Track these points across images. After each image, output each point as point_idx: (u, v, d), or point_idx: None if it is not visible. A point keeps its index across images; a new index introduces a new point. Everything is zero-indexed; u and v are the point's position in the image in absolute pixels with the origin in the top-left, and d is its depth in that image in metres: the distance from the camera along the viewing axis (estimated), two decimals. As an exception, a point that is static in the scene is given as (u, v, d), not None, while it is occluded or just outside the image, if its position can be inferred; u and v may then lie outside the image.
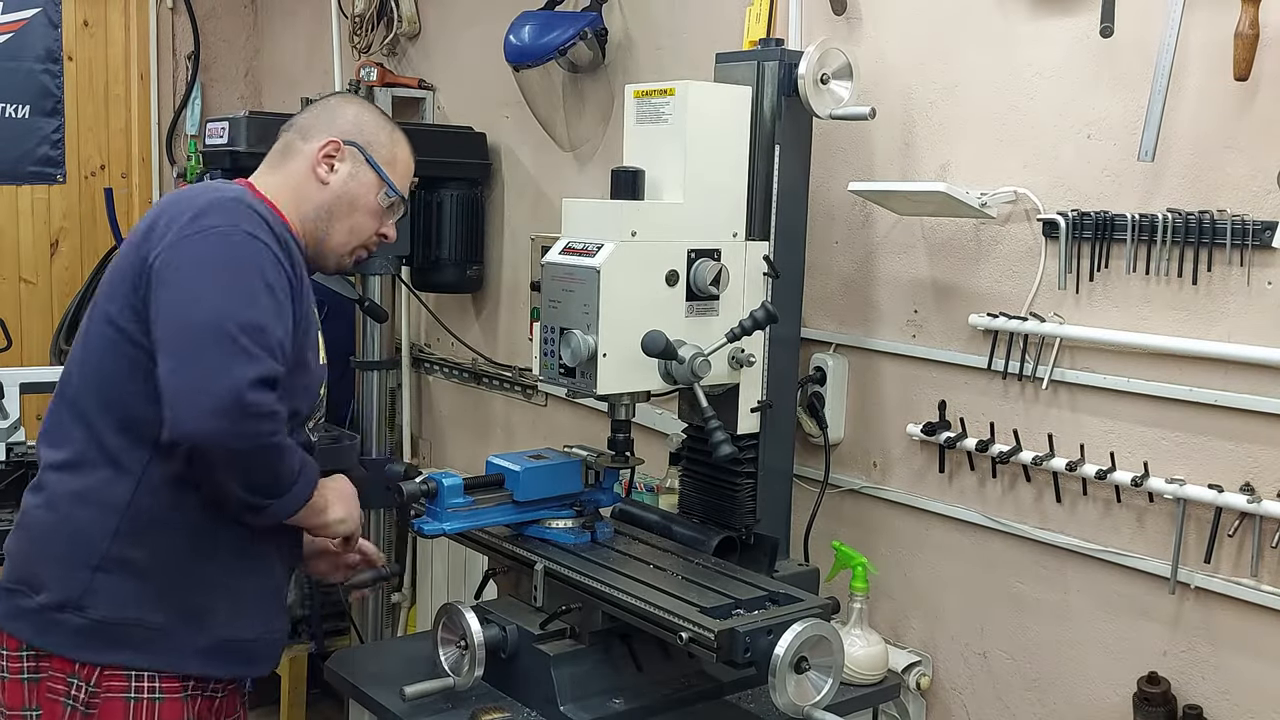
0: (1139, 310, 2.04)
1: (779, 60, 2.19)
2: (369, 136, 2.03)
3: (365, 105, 2.12)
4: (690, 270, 2.05)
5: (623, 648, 2.01)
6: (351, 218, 2.00)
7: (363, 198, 2.00)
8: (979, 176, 2.24)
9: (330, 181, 1.98)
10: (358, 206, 2.00)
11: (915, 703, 2.39)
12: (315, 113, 2.06)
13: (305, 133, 2.01)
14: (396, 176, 2.04)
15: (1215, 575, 1.97)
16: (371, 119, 2.07)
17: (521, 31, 3.02)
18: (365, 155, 2.00)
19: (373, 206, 2.01)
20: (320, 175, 1.98)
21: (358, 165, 2.00)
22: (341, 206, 1.99)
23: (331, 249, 2.01)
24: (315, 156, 1.98)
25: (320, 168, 1.98)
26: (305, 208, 1.97)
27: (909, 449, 2.43)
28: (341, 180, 1.99)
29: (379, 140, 2.04)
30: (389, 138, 2.06)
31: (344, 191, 1.99)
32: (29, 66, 4.36)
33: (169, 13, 4.64)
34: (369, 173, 2.01)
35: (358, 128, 2.03)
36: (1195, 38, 1.93)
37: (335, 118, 2.03)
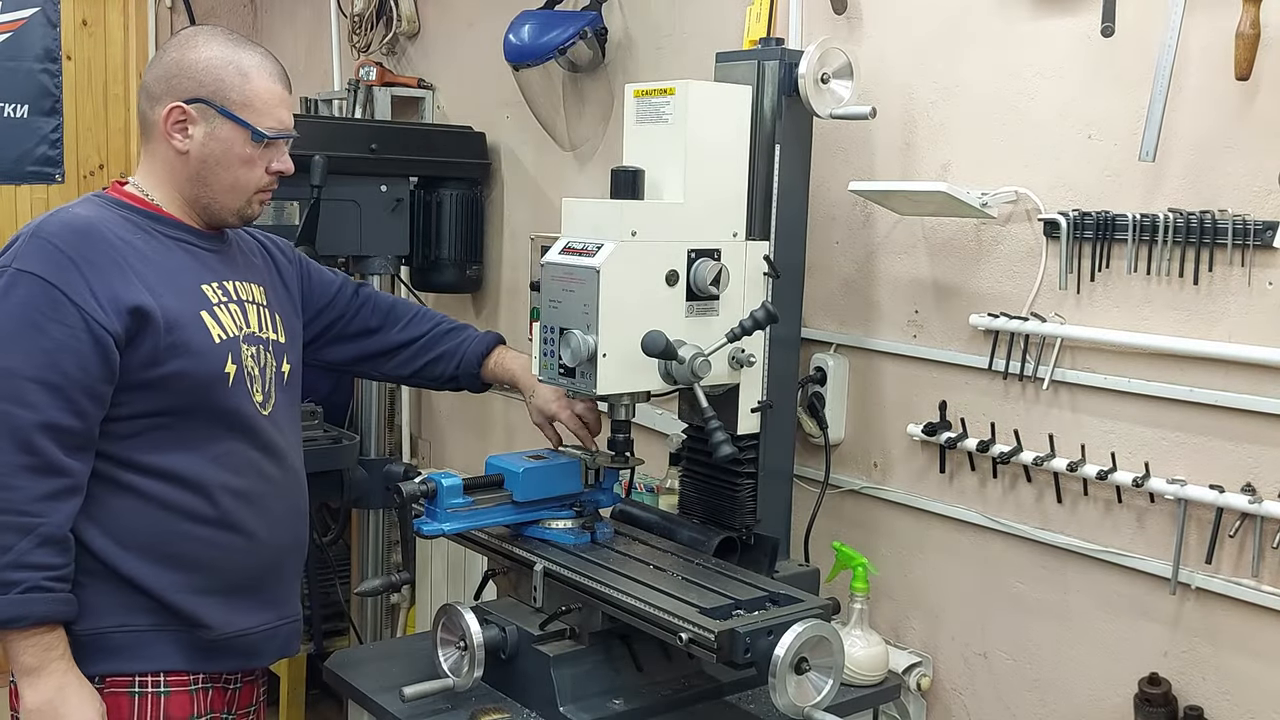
0: (1140, 310, 2.04)
1: (779, 60, 2.19)
2: (214, 84, 1.86)
3: (206, 41, 1.90)
4: (690, 270, 2.04)
5: (623, 648, 2.01)
6: (225, 174, 1.89)
7: (228, 153, 1.88)
8: (980, 176, 2.24)
9: (188, 149, 1.87)
10: (226, 162, 1.88)
11: (916, 703, 2.38)
12: (157, 68, 1.90)
13: (151, 97, 1.88)
14: (259, 115, 1.88)
15: (1216, 576, 1.97)
16: (214, 58, 1.87)
17: (521, 31, 3.02)
18: (215, 107, 1.86)
19: (244, 155, 1.89)
20: (176, 146, 1.87)
21: (211, 121, 1.87)
22: (208, 169, 1.88)
23: (222, 208, 1.92)
24: (164, 128, 1.87)
25: (173, 139, 1.87)
26: (179, 179, 1.89)
27: (909, 449, 2.42)
28: (199, 144, 1.87)
29: (227, 83, 1.87)
30: (238, 75, 1.88)
31: (205, 154, 1.87)
32: (28, 66, 4.36)
33: (168, 12, 4.64)
34: (226, 125, 1.87)
35: (199, 78, 1.86)
36: (1196, 38, 1.92)
37: (174, 72, 1.87)
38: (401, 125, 3.67)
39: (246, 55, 1.90)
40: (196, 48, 1.89)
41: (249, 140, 1.88)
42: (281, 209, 3.13)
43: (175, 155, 1.88)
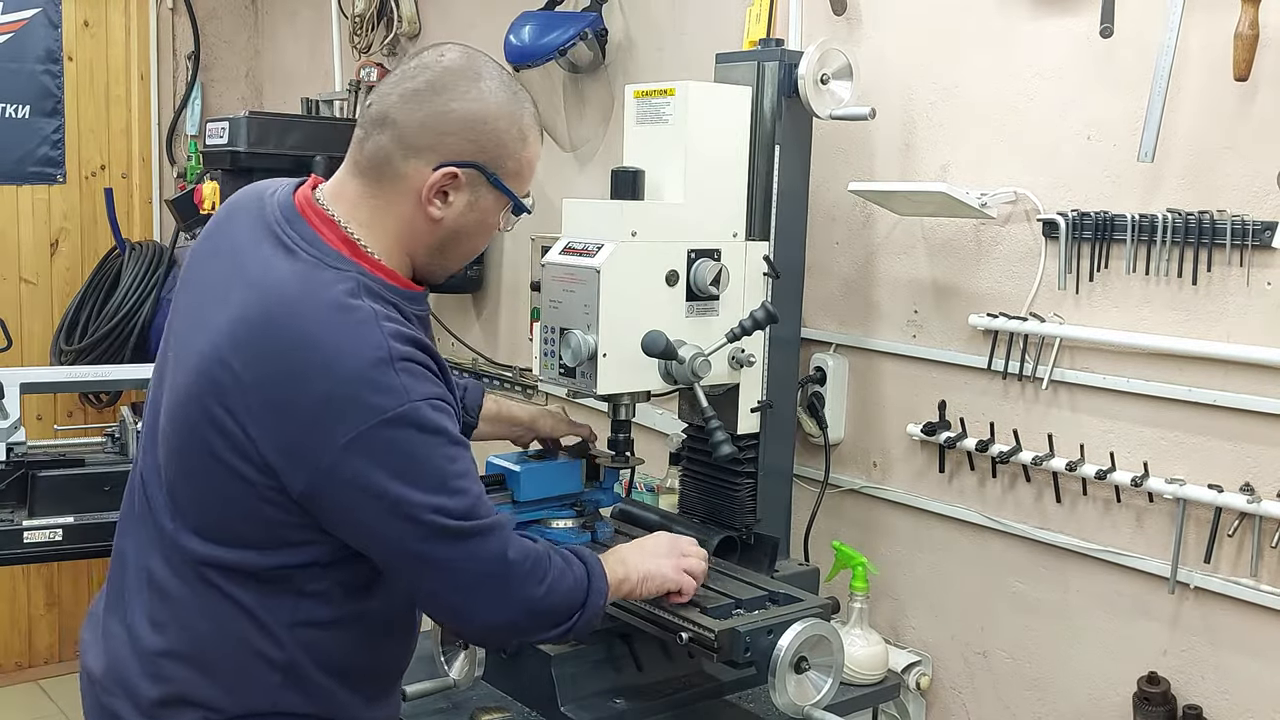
0: (1139, 310, 2.04)
1: (779, 60, 2.19)
2: (495, 149, 1.56)
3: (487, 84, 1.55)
4: (690, 270, 2.05)
5: (623, 647, 2.02)
6: (469, 245, 1.63)
7: (483, 223, 1.60)
8: (979, 177, 2.24)
9: (444, 217, 1.56)
10: (478, 233, 1.62)
11: (915, 702, 2.39)
12: (419, 113, 1.53)
13: (407, 144, 1.53)
14: (524, 183, 1.62)
15: (1215, 575, 1.97)
16: (498, 113, 1.55)
17: (522, 32, 3.02)
18: (488, 176, 1.56)
19: (493, 225, 1.62)
20: (431, 213, 1.55)
21: (477, 189, 1.57)
22: (457, 239, 1.60)
23: (444, 273, 1.66)
24: (425, 192, 1.53)
25: (432, 206, 1.55)
26: (415, 244, 1.58)
27: (909, 449, 2.43)
28: (457, 213, 1.57)
29: (506, 149, 1.57)
30: (518, 135, 1.58)
31: (459, 225, 1.58)
32: (29, 67, 4.36)
33: (169, 13, 4.64)
34: (491, 194, 1.58)
35: (480, 140, 1.54)
36: (1195, 38, 1.93)
37: (449, 127, 1.53)
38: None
39: (526, 109, 1.60)
40: (480, 98, 1.54)
41: (508, 211, 1.62)
42: (282, 209, 3.12)
43: (423, 220, 1.56)
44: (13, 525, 2.65)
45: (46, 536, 2.66)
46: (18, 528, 2.64)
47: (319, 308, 1.46)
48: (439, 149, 1.53)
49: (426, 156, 1.53)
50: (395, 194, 1.55)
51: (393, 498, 1.44)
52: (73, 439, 3.06)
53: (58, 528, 2.67)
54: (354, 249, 1.54)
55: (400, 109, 1.54)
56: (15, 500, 2.70)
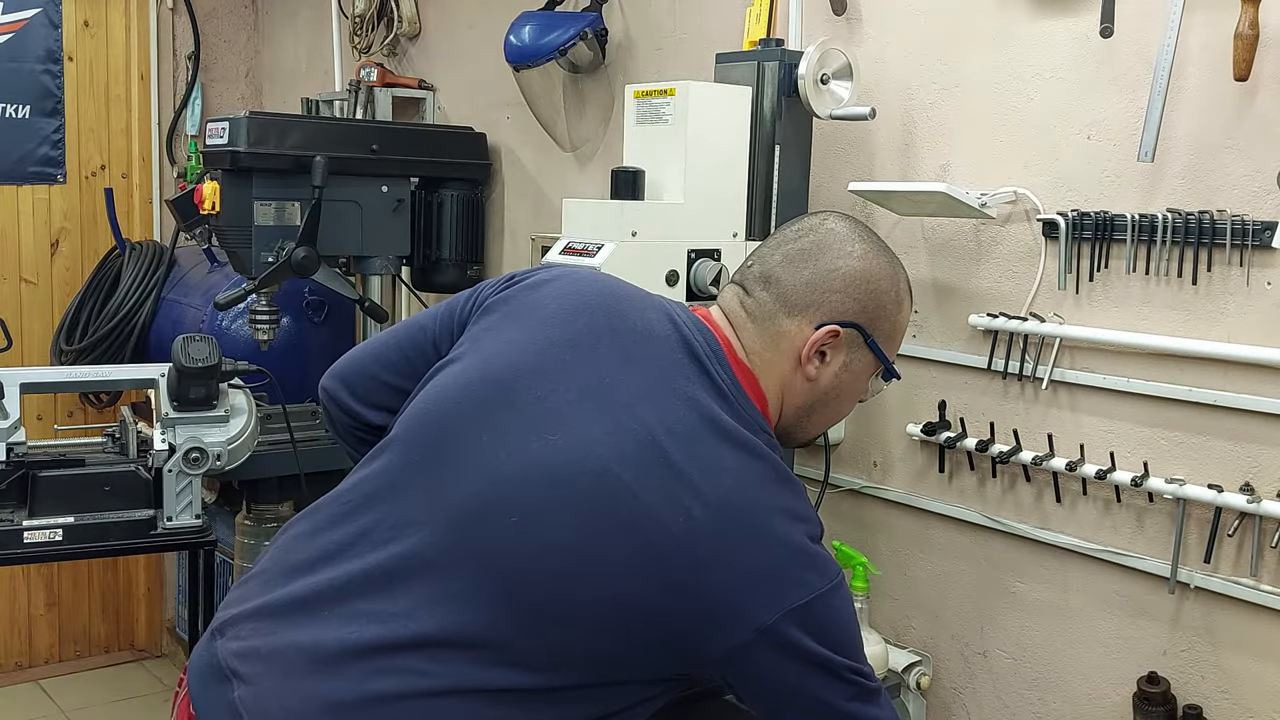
0: (1139, 310, 2.04)
1: (779, 60, 2.20)
2: (874, 311, 1.54)
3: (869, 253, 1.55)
4: (690, 270, 2.05)
5: (623, 647, 2.01)
6: (839, 409, 1.60)
7: (854, 387, 1.57)
8: (979, 177, 2.24)
9: (819, 378, 1.53)
10: (848, 397, 1.59)
11: (915, 702, 2.39)
12: (805, 273, 1.53)
13: (791, 304, 1.52)
14: (894, 348, 1.59)
15: (1215, 575, 1.97)
16: (881, 275, 1.55)
17: (521, 32, 3.02)
18: (866, 337, 1.53)
19: (861, 390, 1.59)
20: (808, 372, 1.52)
21: (854, 351, 1.54)
22: (827, 402, 1.57)
23: (804, 438, 1.63)
24: (807, 350, 1.51)
25: (810, 365, 1.52)
26: (787, 403, 1.55)
27: (909, 449, 2.43)
28: (832, 374, 1.54)
29: (884, 310, 1.55)
30: (895, 298, 1.56)
31: (833, 387, 1.55)
32: (29, 67, 4.36)
33: (169, 13, 4.64)
34: (866, 356, 1.55)
35: (864, 301, 1.53)
36: (1195, 38, 1.93)
37: (834, 285, 1.52)
38: (402, 126, 3.67)
39: (902, 273, 1.59)
40: (863, 257, 1.54)
41: (877, 377, 1.59)
42: (283, 209, 3.13)
43: (799, 379, 1.53)
44: (13, 525, 2.64)
45: (46, 536, 2.66)
46: (18, 528, 2.64)
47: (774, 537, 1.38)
48: (823, 307, 1.52)
49: (809, 315, 1.51)
50: (778, 352, 1.53)
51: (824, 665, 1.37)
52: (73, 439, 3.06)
53: (58, 528, 2.66)
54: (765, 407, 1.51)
55: (785, 269, 1.54)
56: (15, 500, 2.70)
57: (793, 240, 1.57)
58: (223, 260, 3.58)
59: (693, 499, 1.35)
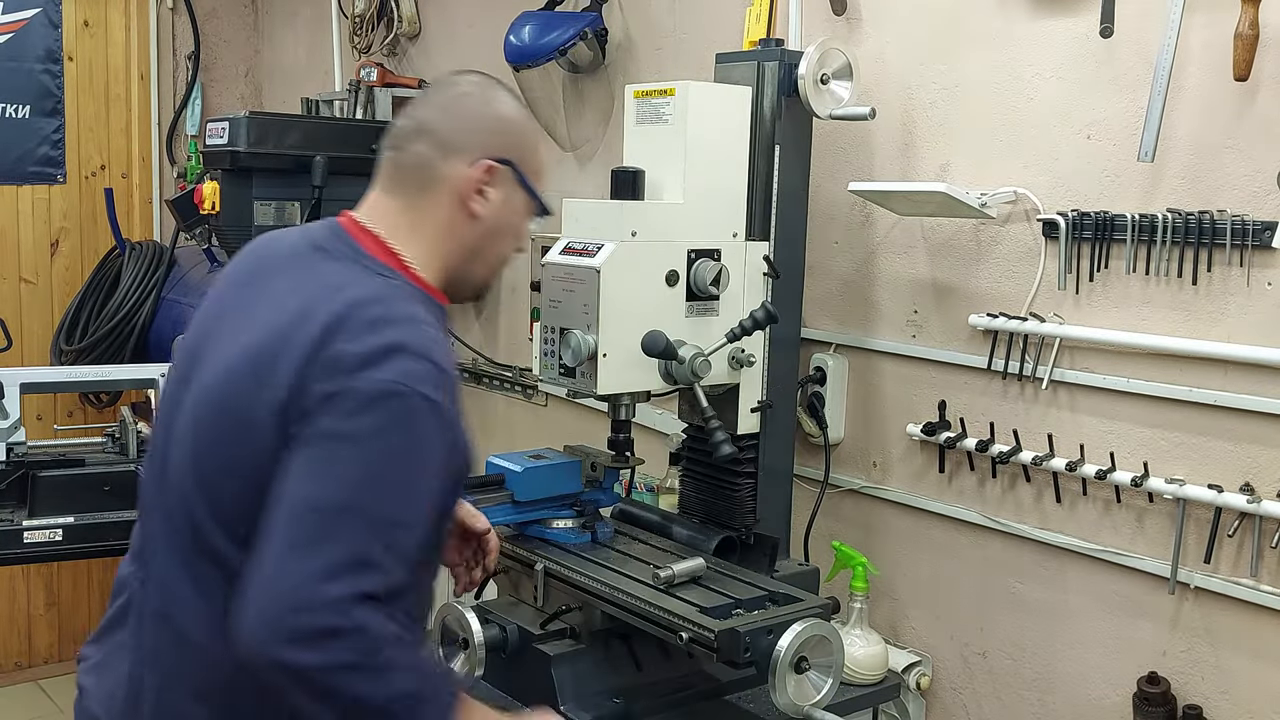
0: (1139, 310, 2.04)
1: (779, 60, 2.19)
2: (521, 148, 1.63)
3: (508, 98, 1.67)
4: (690, 270, 2.05)
5: (623, 647, 2.02)
6: (503, 248, 1.66)
7: (513, 225, 1.65)
8: (979, 177, 2.24)
9: (484, 214, 1.59)
10: (509, 236, 1.65)
11: (915, 702, 2.39)
12: (452, 114, 1.62)
13: (446, 146, 1.58)
14: (542, 186, 1.68)
15: (1215, 575, 1.97)
16: (518, 117, 1.66)
17: (521, 32, 3.02)
18: (518, 174, 1.62)
19: (521, 230, 1.67)
20: (473, 209, 1.59)
21: (510, 188, 1.62)
22: (492, 240, 1.63)
23: (478, 283, 1.68)
24: (467, 189, 1.58)
25: (474, 201, 1.58)
26: (451, 248, 1.60)
27: (909, 449, 2.43)
28: (494, 210, 1.60)
29: (529, 148, 1.65)
30: (534, 139, 1.68)
31: (496, 224, 1.61)
32: (29, 67, 4.36)
33: (169, 13, 4.64)
34: (520, 194, 1.63)
35: (510, 139, 1.62)
36: (1195, 38, 1.93)
37: (481, 123, 1.61)
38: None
39: (532, 119, 1.72)
40: (501, 103, 1.64)
41: (532, 214, 1.66)
42: (283, 209, 3.13)
43: (464, 219, 1.59)
44: (13, 525, 2.65)
45: (46, 536, 2.66)
46: (18, 528, 2.65)
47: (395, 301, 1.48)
48: (483, 148, 1.59)
49: (465, 156, 1.58)
50: (434, 199, 1.59)
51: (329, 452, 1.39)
52: (73, 439, 3.06)
53: (58, 528, 2.67)
54: (398, 261, 1.57)
55: (434, 118, 1.61)
56: (15, 500, 2.71)
57: (440, 93, 1.66)
58: (223, 260, 3.58)
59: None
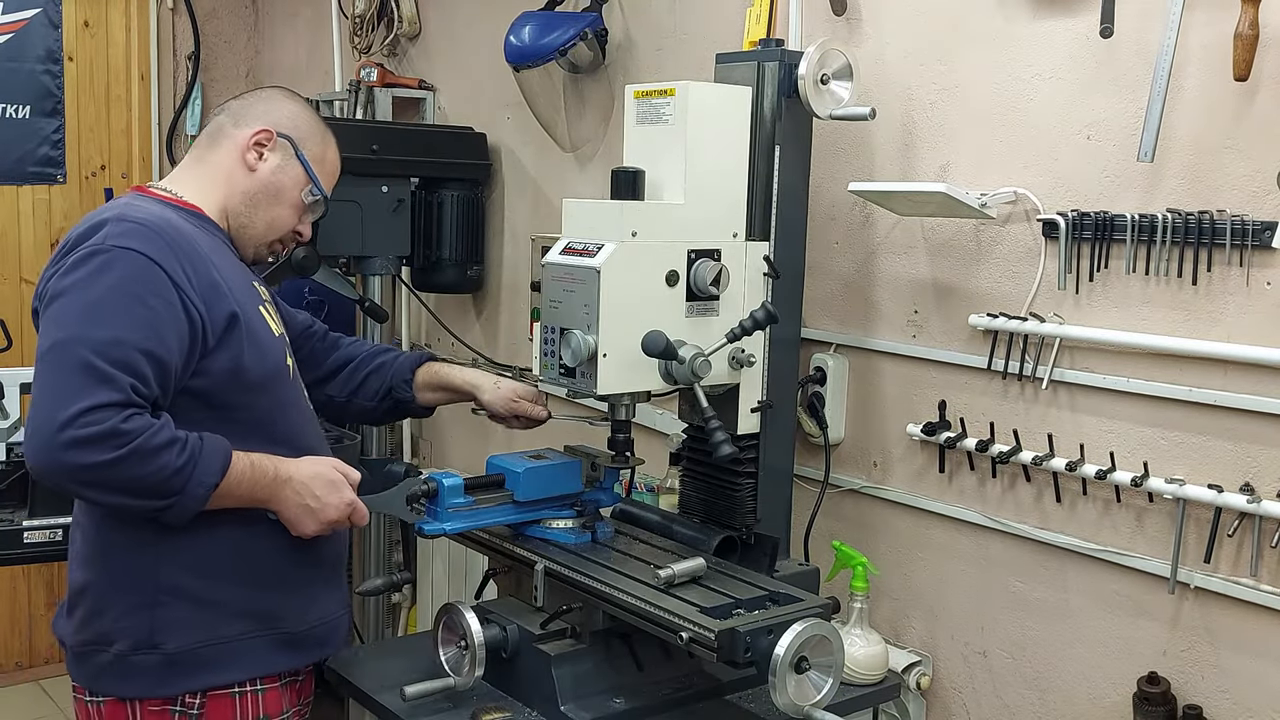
0: (1139, 310, 2.04)
1: (779, 61, 2.19)
2: (303, 132, 2.06)
3: (302, 103, 2.13)
4: (690, 270, 2.05)
5: (623, 647, 2.02)
6: (273, 209, 2.03)
7: (287, 191, 2.03)
8: (979, 177, 2.24)
9: (258, 169, 2.01)
10: (281, 199, 2.03)
11: (915, 702, 2.39)
12: (251, 100, 2.08)
13: (238, 118, 2.03)
14: (323, 176, 2.08)
15: (1215, 575, 1.97)
16: (307, 117, 2.10)
17: (522, 32, 3.02)
18: (296, 149, 2.04)
19: (295, 201, 2.05)
20: (249, 161, 2.01)
21: (287, 158, 2.03)
22: (265, 196, 2.02)
23: (250, 238, 2.04)
24: (246, 142, 2.01)
25: (250, 154, 2.00)
26: (231, 193, 2.01)
27: (909, 449, 2.43)
28: (269, 170, 2.02)
29: (311, 137, 2.07)
30: (321, 137, 2.09)
31: (270, 181, 2.02)
32: (29, 67, 4.36)
33: (169, 13, 4.64)
34: (297, 167, 2.04)
35: (293, 120, 2.06)
36: (1195, 38, 1.93)
37: (271, 109, 2.06)
38: (402, 126, 3.68)
39: (329, 130, 2.13)
40: (294, 101, 2.10)
41: (309, 189, 2.05)
42: (282, 209, 3.12)
43: (241, 171, 2.01)
44: (13, 525, 2.65)
45: (46, 536, 2.66)
46: (18, 528, 2.64)
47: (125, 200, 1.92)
48: (265, 119, 2.03)
49: (252, 123, 2.02)
50: (220, 152, 2.02)
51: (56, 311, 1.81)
52: (73, 439, 3.05)
53: (58, 528, 2.66)
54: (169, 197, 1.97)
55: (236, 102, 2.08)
56: (15, 500, 2.70)
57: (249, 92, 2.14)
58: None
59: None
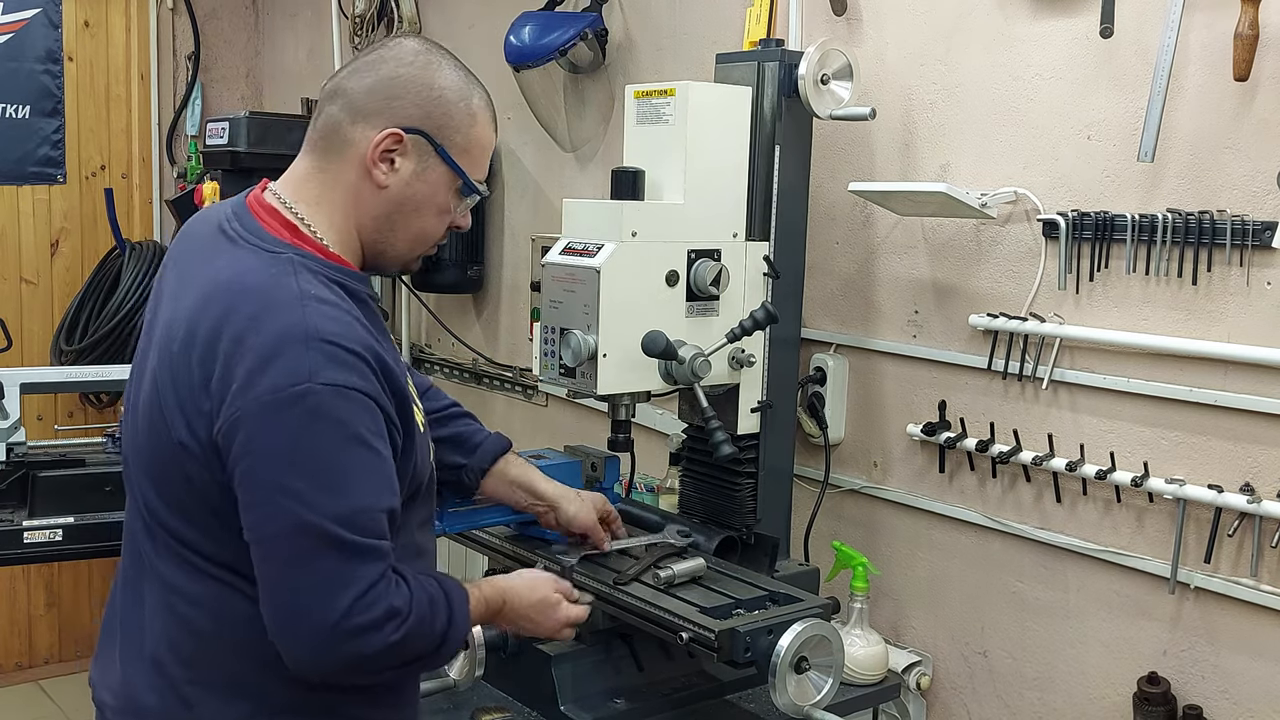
0: (1139, 310, 2.04)
1: (779, 61, 2.19)
2: (442, 119, 1.56)
3: (440, 65, 1.59)
4: (690, 270, 2.05)
5: (623, 647, 2.02)
6: (416, 222, 1.60)
7: (431, 199, 1.59)
8: (979, 177, 2.24)
9: (389, 184, 1.56)
10: (424, 209, 1.59)
11: (915, 703, 2.39)
12: (368, 79, 1.56)
13: (356, 112, 1.55)
14: (475, 164, 1.61)
15: (1215, 575, 1.97)
16: (449, 89, 1.58)
17: (522, 32, 3.02)
18: (435, 145, 1.56)
19: (442, 204, 1.60)
20: (377, 179, 1.55)
21: (425, 160, 1.57)
22: (403, 215, 1.58)
23: (394, 258, 1.63)
24: (370, 154, 1.54)
25: (377, 169, 1.55)
26: (361, 216, 1.58)
27: (909, 449, 2.43)
28: (403, 181, 1.56)
29: (453, 121, 1.57)
30: (466, 113, 1.58)
31: (407, 196, 1.57)
32: (29, 67, 4.36)
33: (169, 13, 4.64)
34: (439, 167, 1.58)
35: (427, 107, 1.56)
36: (1195, 38, 1.93)
37: (395, 91, 1.55)
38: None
39: (477, 94, 1.61)
40: (430, 69, 1.57)
41: (457, 190, 1.60)
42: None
43: (369, 188, 1.56)
44: (13, 525, 2.64)
45: (46, 536, 2.66)
46: (18, 528, 2.64)
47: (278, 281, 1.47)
48: (386, 113, 1.55)
49: (374, 121, 1.55)
50: (343, 163, 1.56)
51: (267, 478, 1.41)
52: (73, 439, 3.06)
53: (58, 528, 2.66)
54: (296, 232, 1.55)
55: (351, 79, 1.58)
56: (15, 500, 2.70)
57: (367, 55, 1.61)
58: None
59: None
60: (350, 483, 1.41)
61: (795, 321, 2.33)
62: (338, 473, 1.41)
